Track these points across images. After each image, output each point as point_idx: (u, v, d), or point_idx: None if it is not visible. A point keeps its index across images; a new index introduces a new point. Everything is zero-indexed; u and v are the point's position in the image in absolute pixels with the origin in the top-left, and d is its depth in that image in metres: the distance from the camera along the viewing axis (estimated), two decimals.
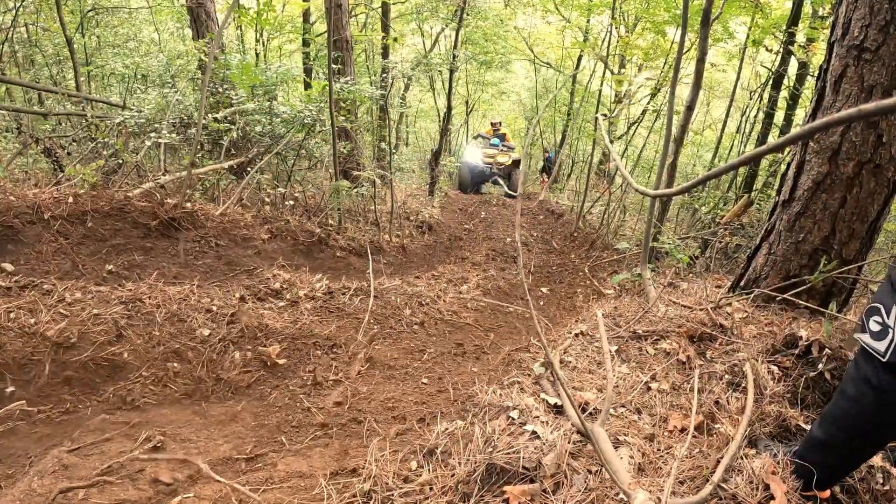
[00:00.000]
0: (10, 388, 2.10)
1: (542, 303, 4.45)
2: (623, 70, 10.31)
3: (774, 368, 1.88)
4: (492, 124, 11.36)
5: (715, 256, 4.78)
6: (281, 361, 2.62)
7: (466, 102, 14.87)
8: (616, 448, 1.52)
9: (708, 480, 1.37)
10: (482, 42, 11.45)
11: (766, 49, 6.49)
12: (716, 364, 2.01)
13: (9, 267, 2.81)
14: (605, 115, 4.43)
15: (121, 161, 4.46)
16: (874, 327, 1.16)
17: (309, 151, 5.38)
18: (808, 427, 1.69)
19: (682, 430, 1.66)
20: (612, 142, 8.84)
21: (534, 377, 2.02)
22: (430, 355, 2.99)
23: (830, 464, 1.34)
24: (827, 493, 1.39)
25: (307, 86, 7.72)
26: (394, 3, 10.19)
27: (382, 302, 3.42)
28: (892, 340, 1.11)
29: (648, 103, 7.97)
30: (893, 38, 2.11)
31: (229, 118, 4.82)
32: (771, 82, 6.24)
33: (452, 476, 1.51)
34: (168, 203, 3.51)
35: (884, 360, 1.12)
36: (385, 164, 6.44)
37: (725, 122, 6.62)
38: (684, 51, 3.33)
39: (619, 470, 1.35)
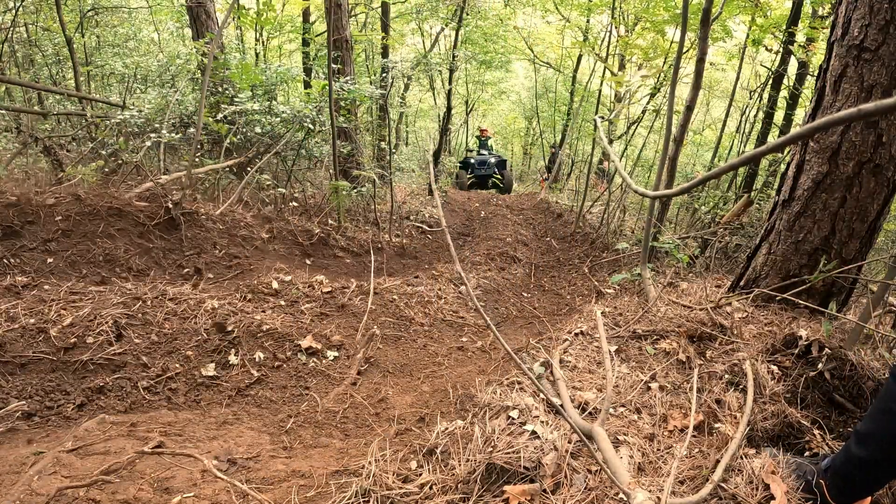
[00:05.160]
0: (11, 388, 2.10)
1: (541, 302, 4.45)
2: (623, 70, 10.30)
3: (774, 368, 1.88)
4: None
5: (715, 256, 4.78)
6: (317, 346, 2.67)
7: (466, 102, 14.87)
8: (616, 448, 1.52)
9: (707, 480, 1.37)
10: (482, 42, 11.45)
11: (766, 49, 6.49)
12: (716, 364, 2.01)
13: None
14: (602, 118, 4.45)
15: (121, 161, 4.46)
16: None
17: (309, 151, 5.38)
18: (808, 425, 1.69)
19: (682, 429, 1.67)
20: (611, 142, 8.84)
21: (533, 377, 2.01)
22: (430, 355, 2.99)
23: (871, 480, 1.34)
24: (867, 500, 1.39)
25: (307, 86, 7.72)
26: (393, 3, 10.18)
27: (382, 301, 3.42)
28: None
29: (648, 103, 7.97)
30: (893, 38, 2.11)
31: (229, 118, 4.83)
32: (771, 82, 6.24)
33: (452, 476, 1.51)
34: (168, 203, 3.51)
35: None
36: (385, 164, 6.44)
37: (725, 121, 6.62)
38: (684, 50, 3.33)
39: (618, 469, 1.35)
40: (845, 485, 1.36)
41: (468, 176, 11.04)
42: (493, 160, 11.15)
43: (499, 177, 10.85)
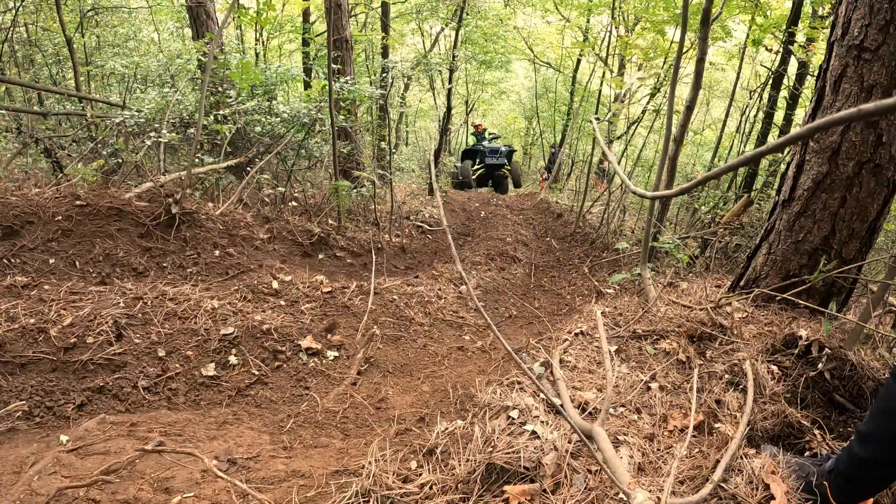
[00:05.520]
0: (11, 388, 2.10)
1: (541, 302, 4.45)
2: (623, 70, 10.31)
3: (774, 368, 1.88)
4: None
5: (715, 256, 4.78)
6: (317, 346, 2.66)
7: (466, 102, 14.88)
8: (616, 448, 1.52)
9: (707, 480, 1.37)
10: (482, 42, 11.45)
11: (766, 49, 6.48)
12: (716, 364, 2.01)
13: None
14: (597, 118, 4.46)
15: (120, 161, 4.46)
16: None
17: (309, 151, 5.38)
18: (808, 425, 1.69)
19: (682, 429, 1.67)
20: (611, 142, 8.84)
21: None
22: (430, 355, 2.99)
23: (872, 480, 1.34)
24: (870, 501, 1.39)
25: (307, 85, 7.72)
26: (393, 3, 10.18)
27: (382, 301, 3.42)
28: None
29: (648, 103, 7.98)
30: (893, 38, 2.11)
31: (229, 118, 4.83)
32: (771, 82, 6.23)
33: (452, 476, 1.52)
34: (168, 203, 3.51)
35: None
36: (385, 164, 6.44)
37: (725, 121, 6.62)
38: (684, 50, 3.33)
39: (618, 469, 1.35)
40: (847, 485, 1.36)
41: (477, 167, 9.94)
42: (504, 149, 10.11)
43: (508, 168, 10.02)
